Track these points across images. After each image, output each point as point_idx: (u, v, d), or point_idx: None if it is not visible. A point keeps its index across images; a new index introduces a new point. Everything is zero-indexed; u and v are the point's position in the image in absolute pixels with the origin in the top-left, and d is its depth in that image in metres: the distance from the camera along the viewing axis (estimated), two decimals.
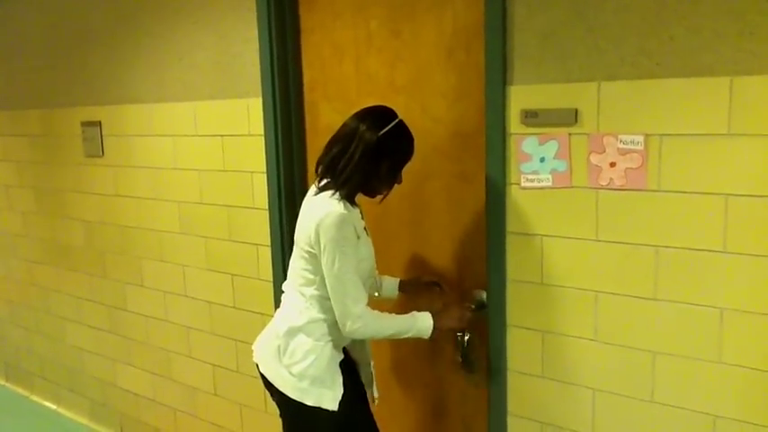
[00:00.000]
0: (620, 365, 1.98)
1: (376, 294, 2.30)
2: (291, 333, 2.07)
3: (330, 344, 2.07)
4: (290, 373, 2.06)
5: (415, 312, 2.07)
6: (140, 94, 3.18)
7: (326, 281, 1.97)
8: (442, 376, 2.50)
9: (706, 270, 1.80)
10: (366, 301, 2.00)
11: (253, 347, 2.25)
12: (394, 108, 2.06)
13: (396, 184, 2.09)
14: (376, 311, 2.04)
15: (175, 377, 3.35)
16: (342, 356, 2.13)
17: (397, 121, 2.03)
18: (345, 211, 1.94)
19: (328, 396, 2.05)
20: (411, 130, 2.06)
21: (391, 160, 2.02)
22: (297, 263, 2.10)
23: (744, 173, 1.72)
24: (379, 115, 2.03)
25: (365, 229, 2.12)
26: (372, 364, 2.29)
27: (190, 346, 3.23)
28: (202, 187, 2.98)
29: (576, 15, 1.92)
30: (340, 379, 2.08)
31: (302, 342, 2.06)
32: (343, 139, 2.02)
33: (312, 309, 2.07)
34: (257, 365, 2.20)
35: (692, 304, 1.84)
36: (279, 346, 2.09)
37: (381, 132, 1.97)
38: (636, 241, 1.90)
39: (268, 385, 2.15)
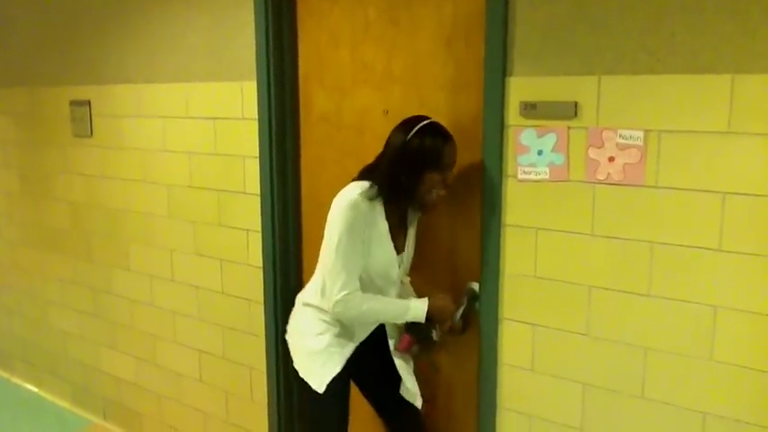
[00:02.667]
0: (612, 361, 1.98)
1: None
2: (304, 307, 2.25)
3: (337, 329, 2.17)
4: (295, 340, 2.26)
5: (411, 299, 2.17)
6: (131, 74, 3.13)
7: (322, 257, 2.08)
8: (431, 368, 2.49)
9: (700, 267, 1.80)
10: (355, 288, 2.05)
11: None
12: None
13: (443, 188, 2.07)
14: (367, 294, 2.10)
15: (160, 362, 3.32)
16: (349, 353, 2.20)
17: (425, 122, 2.04)
18: (359, 198, 2.01)
19: (317, 375, 2.16)
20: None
21: (421, 163, 2.01)
22: (323, 243, 2.14)
23: (742, 171, 1.72)
24: (410, 121, 2.07)
25: (395, 233, 2.13)
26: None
27: (176, 332, 3.20)
28: (192, 170, 2.94)
29: (578, 9, 1.91)
30: (336, 366, 2.16)
31: (311, 315, 2.22)
32: (386, 147, 2.09)
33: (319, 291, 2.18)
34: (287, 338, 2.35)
35: (686, 301, 1.84)
36: (295, 318, 2.31)
37: (409, 136, 2.01)
38: (631, 237, 1.90)
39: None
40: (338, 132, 2.59)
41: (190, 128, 2.92)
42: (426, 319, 2.12)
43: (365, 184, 2.06)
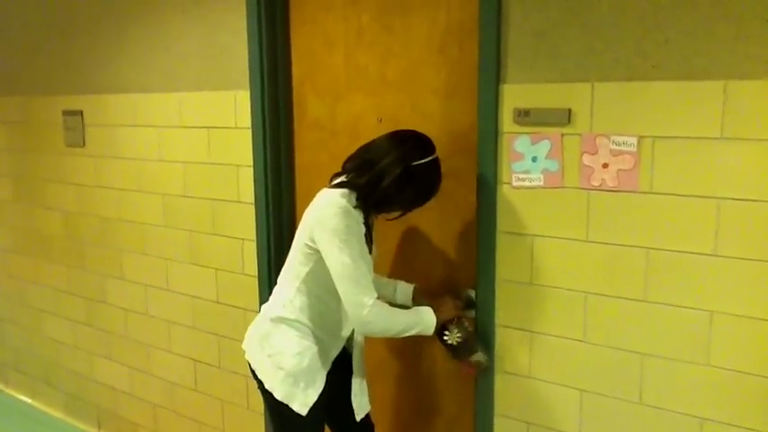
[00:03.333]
0: (609, 367, 1.98)
1: (385, 294, 2.28)
2: (276, 322, 2.08)
3: (316, 348, 2.05)
4: (269, 360, 2.07)
5: (418, 307, 2.05)
6: (124, 84, 3.12)
7: (332, 273, 1.91)
8: (427, 375, 2.49)
9: (696, 273, 1.80)
10: (374, 292, 1.93)
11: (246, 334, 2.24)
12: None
13: (411, 211, 2.06)
14: (385, 304, 1.98)
15: (155, 372, 3.30)
16: (328, 367, 2.09)
17: (433, 156, 1.99)
18: (349, 205, 1.93)
19: (299, 398, 2.03)
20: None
21: (414, 192, 1.99)
22: (293, 254, 2.08)
23: (736, 177, 1.72)
24: (419, 144, 2.00)
25: (368, 239, 2.04)
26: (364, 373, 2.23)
27: (170, 341, 3.18)
28: (187, 179, 2.94)
29: (571, 15, 1.91)
30: (317, 386, 2.05)
31: (285, 332, 2.06)
32: (377, 152, 1.99)
33: (303, 308, 2.05)
34: (245, 351, 2.19)
35: (682, 307, 1.84)
36: (262, 332, 2.11)
37: (414, 163, 1.95)
38: (626, 243, 1.90)
39: (252, 371, 2.14)
40: (332, 139, 2.58)
41: (184, 137, 2.91)
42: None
43: (346, 192, 1.96)
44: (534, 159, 2.02)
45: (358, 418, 2.18)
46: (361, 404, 2.19)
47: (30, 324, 3.99)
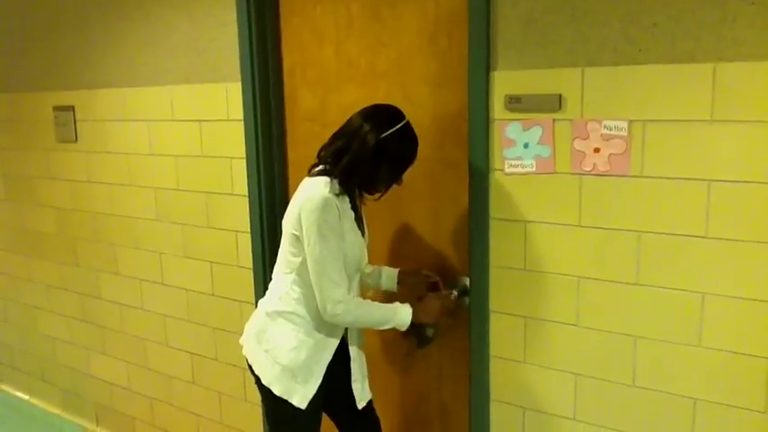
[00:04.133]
0: (602, 350, 2.00)
1: (370, 283, 2.30)
2: (272, 316, 2.08)
3: (313, 341, 2.05)
4: (266, 355, 2.07)
5: (397, 304, 2.06)
6: (114, 79, 3.11)
7: (308, 264, 1.96)
8: (421, 361, 2.50)
9: (688, 255, 1.82)
10: (347, 286, 1.98)
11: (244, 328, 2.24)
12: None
13: (397, 185, 2.07)
14: (358, 298, 2.04)
15: (152, 366, 3.31)
16: (328, 359, 2.09)
17: (402, 123, 2.00)
18: (330, 195, 1.93)
19: (298, 392, 2.04)
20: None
21: (392, 163, 2.01)
22: (283, 246, 2.08)
23: (726, 159, 1.73)
24: (384, 116, 2.01)
25: (357, 219, 2.07)
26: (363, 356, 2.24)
27: (167, 335, 3.19)
28: (179, 173, 2.93)
29: (559, 1, 1.92)
30: (316, 379, 2.05)
31: (282, 327, 2.06)
32: (347, 135, 2.01)
33: (298, 299, 2.05)
34: (242, 346, 2.19)
35: (674, 289, 1.86)
36: (259, 327, 2.12)
37: (384, 135, 1.96)
38: (618, 227, 1.91)
39: (249, 366, 2.14)
40: (324, 130, 2.56)
41: (175, 130, 2.91)
42: (415, 324, 2.06)
43: (327, 180, 1.96)
44: (526, 146, 2.03)
45: (360, 406, 2.18)
46: (363, 390, 2.20)
47: (25, 321, 3.99)
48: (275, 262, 2.71)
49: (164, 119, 2.94)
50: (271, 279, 2.18)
